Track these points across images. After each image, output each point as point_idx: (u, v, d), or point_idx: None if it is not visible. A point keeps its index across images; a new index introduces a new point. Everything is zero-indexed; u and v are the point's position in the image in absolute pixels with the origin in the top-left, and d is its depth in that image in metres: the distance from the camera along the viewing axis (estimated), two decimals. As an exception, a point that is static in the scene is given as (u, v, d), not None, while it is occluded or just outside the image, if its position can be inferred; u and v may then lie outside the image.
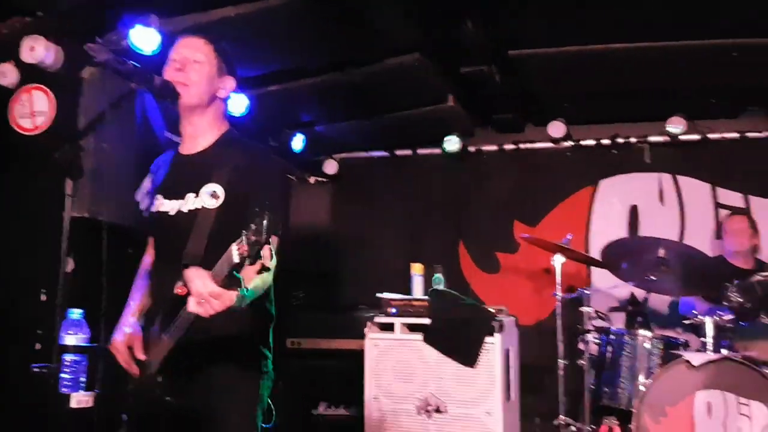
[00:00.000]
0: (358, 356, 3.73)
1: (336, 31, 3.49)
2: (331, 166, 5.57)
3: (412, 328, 3.55)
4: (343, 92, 4.34)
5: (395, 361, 3.51)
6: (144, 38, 3.02)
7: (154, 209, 2.02)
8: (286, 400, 3.85)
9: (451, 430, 3.34)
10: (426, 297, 3.61)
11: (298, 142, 4.82)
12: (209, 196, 1.91)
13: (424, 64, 3.90)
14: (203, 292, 1.64)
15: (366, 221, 5.37)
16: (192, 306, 1.67)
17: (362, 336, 3.70)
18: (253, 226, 1.58)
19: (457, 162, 5.29)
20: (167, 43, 3.06)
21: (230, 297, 1.66)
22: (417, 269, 3.85)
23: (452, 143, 5.10)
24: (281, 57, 3.80)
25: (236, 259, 1.63)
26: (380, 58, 3.89)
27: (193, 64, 1.98)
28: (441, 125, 5.00)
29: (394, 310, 3.59)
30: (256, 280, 1.75)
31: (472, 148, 5.30)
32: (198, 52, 2.00)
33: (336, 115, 4.90)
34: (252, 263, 1.63)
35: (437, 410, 3.36)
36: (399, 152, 5.55)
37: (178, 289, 1.80)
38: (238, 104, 3.87)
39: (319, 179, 5.70)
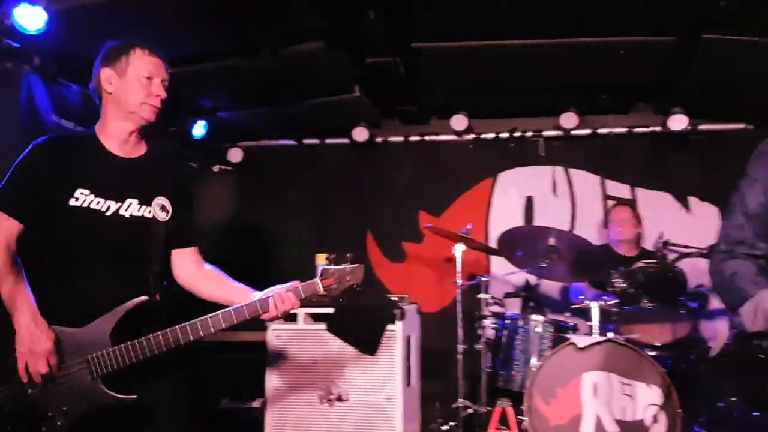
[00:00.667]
0: (263, 348, 3.70)
1: (239, 15, 3.42)
2: (235, 154, 5.45)
3: (316, 317, 3.56)
4: (247, 78, 4.26)
5: (298, 351, 3.51)
6: (29, 17, 2.83)
7: (75, 202, 1.98)
8: (189, 396, 3.75)
9: (353, 417, 3.39)
10: (328, 286, 3.61)
11: (199, 129, 4.68)
12: (160, 209, 2.08)
13: (329, 52, 3.89)
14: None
15: (272, 211, 5.32)
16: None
17: (259, 327, 3.67)
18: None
19: (365, 152, 5.33)
20: (54, 23, 2.91)
21: None
22: (321, 259, 3.85)
23: (359, 134, 5.13)
24: (181, 39, 3.65)
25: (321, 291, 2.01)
26: (285, 44, 3.85)
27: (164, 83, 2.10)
28: (348, 115, 5.02)
29: (296, 300, 3.58)
30: None
31: (378, 139, 5.35)
32: (165, 73, 2.11)
33: (240, 101, 4.80)
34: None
35: (339, 398, 3.40)
36: (306, 141, 5.52)
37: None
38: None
39: (223, 167, 5.57)
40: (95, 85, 2.10)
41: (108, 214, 2.00)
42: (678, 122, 4.75)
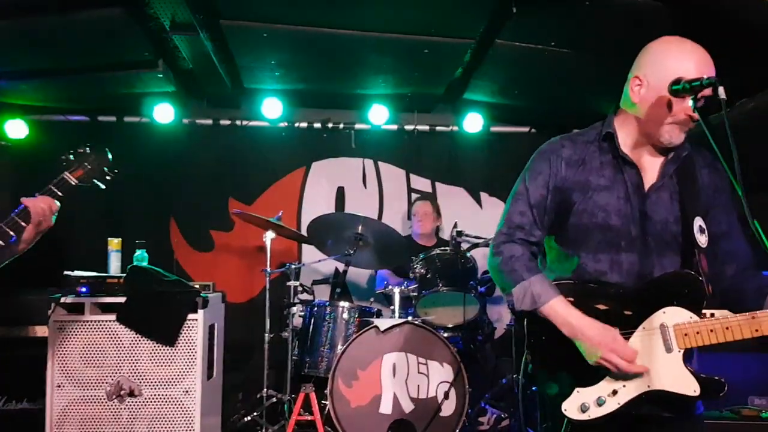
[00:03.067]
0: (38, 342, 3.33)
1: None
2: (17, 128, 4.82)
3: (104, 308, 3.27)
4: (31, 43, 3.77)
5: (84, 344, 3.19)
6: None
7: None
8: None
9: (146, 413, 3.17)
10: (122, 274, 3.34)
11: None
12: None
13: (129, 21, 3.59)
14: None
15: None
16: None
17: (41, 319, 3.31)
18: None
19: (169, 134, 5.02)
20: None
21: None
22: (114, 244, 3.55)
23: (163, 112, 4.82)
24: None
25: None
26: (78, 6, 3.46)
27: None
28: (151, 92, 4.68)
29: (84, 289, 3.26)
30: None
31: (185, 120, 5.08)
32: None
33: (25, 69, 4.23)
34: None
35: (131, 394, 3.16)
36: (102, 118, 5.06)
37: None
38: None
39: (2, 143, 4.90)
40: None
41: None
42: (473, 123, 5.16)
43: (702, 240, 1.75)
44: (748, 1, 2.91)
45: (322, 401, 3.70)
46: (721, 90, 1.56)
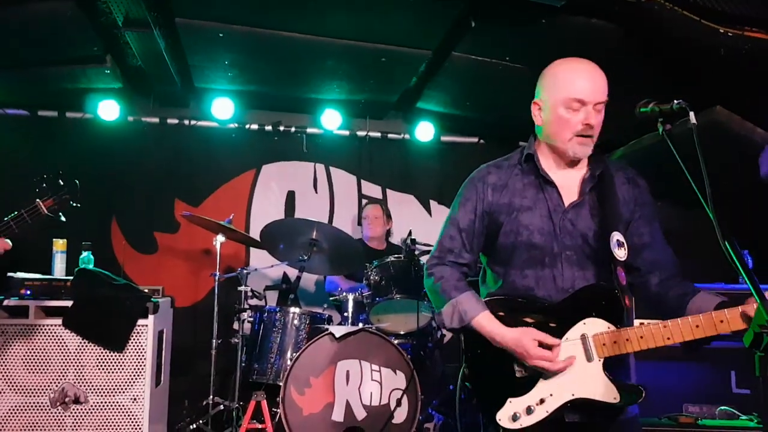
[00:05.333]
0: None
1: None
2: (-54, 120, 4.55)
3: (50, 312, 3.12)
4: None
5: (27, 349, 3.04)
6: None
7: None
8: None
9: (92, 421, 3.05)
10: (69, 277, 3.20)
11: None
12: None
13: (78, 15, 3.46)
14: None
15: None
16: None
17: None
18: None
19: (112, 131, 4.85)
20: None
21: None
22: (59, 246, 3.40)
23: (108, 109, 4.66)
24: None
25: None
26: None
27: None
28: (96, 88, 4.52)
29: (28, 292, 3.10)
30: None
31: (131, 118, 4.92)
32: None
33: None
34: None
35: (76, 401, 3.03)
36: (42, 113, 4.84)
37: None
38: None
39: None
40: None
41: None
42: (424, 132, 5.24)
43: (620, 254, 1.83)
44: (694, 24, 3.09)
45: (273, 408, 3.66)
46: (692, 115, 1.63)
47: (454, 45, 3.94)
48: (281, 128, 5.24)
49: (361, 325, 3.75)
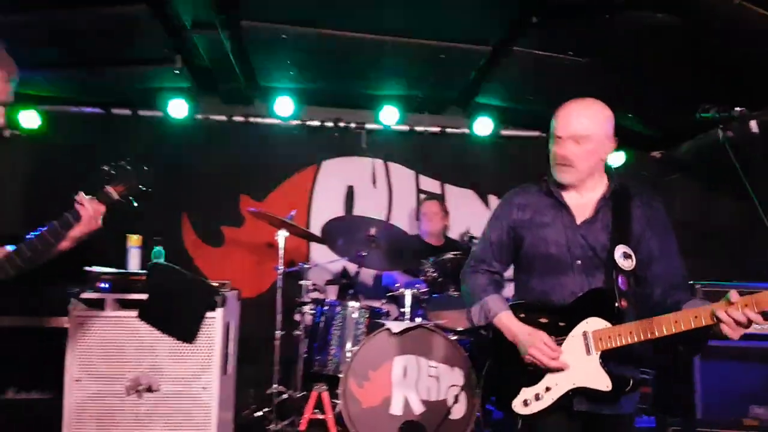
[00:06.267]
0: (54, 334, 3.36)
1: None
2: (32, 119, 4.84)
3: (126, 304, 3.31)
4: (51, 36, 3.80)
5: (104, 340, 3.23)
6: None
7: None
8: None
9: (164, 408, 3.21)
10: (143, 271, 3.38)
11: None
12: None
13: (151, 18, 3.63)
14: None
15: (73, 183, 4.74)
16: None
17: (62, 313, 3.35)
18: None
19: (182, 129, 5.05)
20: None
21: None
22: (134, 241, 3.58)
23: (178, 108, 4.85)
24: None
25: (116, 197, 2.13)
26: (101, 3, 3.50)
27: None
28: (167, 88, 4.72)
29: (105, 285, 3.30)
30: None
31: (199, 116, 5.11)
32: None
33: (43, 60, 4.25)
34: None
35: (149, 389, 3.21)
36: (116, 111, 5.08)
37: None
38: None
39: (15, 132, 4.90)
40: None
41: None
42: (483, 126, 5.21)
43: (625, 264, 2.08)
44: (761, 18, 2.97)
45: (334, 400, 3.77)
46: (753, 124, 1.61)
47: (515, 41, 3.90)
48: (341, 124, 5.32)
49: (418, 320, 3.79)
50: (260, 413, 4.19)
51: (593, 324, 2.08)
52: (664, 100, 4.25)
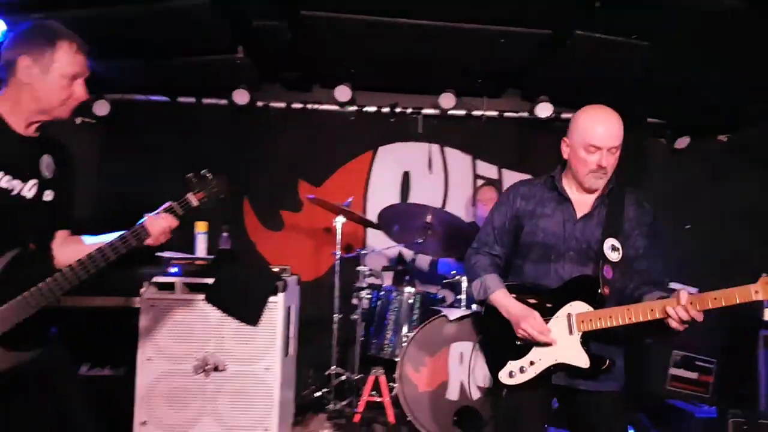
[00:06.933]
0: (126, 314, 3.56)
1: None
2: (102, 107, 5.06)
3: (194, 287, 3.47)
4: (120, 28, 3.96)
5: (173, 321, 3.40)
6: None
7: None
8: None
9: (230, 386, 3.37)
10: (210, 257, 3.53)
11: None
12: (48, 194, 2.03)
13: (213, 9, 3.73)
14: None
15: (142, 171, 4.95)
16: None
17: (132, 293, 3.54)
18: None
19: (244, 116, 5.18)
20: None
21: None
22: (201, 227, 3.73)
23: (240, 96, 4.98)
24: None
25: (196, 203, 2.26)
26: (168, -2, 3.63)
27: None
28: (229, 76, 4.83)
29: (175, 269, 3.46)
30: None
31: (259, 104, 5.22)
32: (87, 69, 2.06)
33: (112, 51, 4.43)
34: None
35: (215, 368, 3.36)
36: (182, 99, 5.26)
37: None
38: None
39: (87, 120, 5.16)
40: (7, 66, 1.94)
41: (13, 194, 1.94)
42: (544, 110, 5.12)
43: (613, 255, 2.28)
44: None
45: (390, 383, 3.85)
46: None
47: (577, 24, 3.83)
48: (397, 110, 5.34)
49: (474, 308, 3.82)
50: (319, 393, 4.33)
51: (577, 307, 2.26)
52: (729, 84, 4.10)
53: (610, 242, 2.29)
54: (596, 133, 2.25)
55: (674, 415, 4.01)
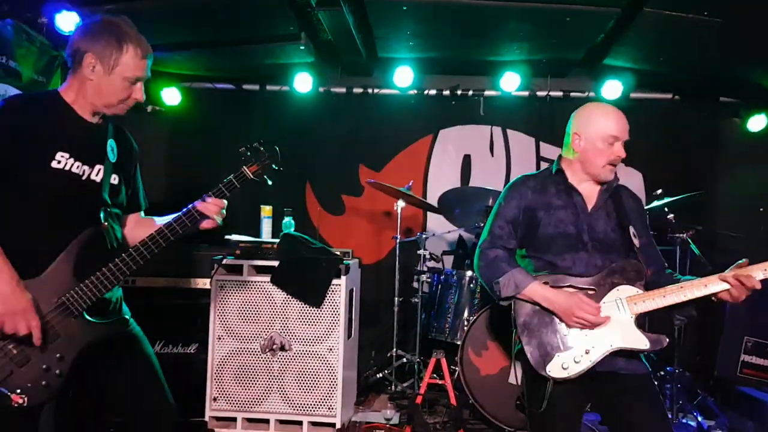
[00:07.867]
0: (197, 295, 3.71)
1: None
2: (171, 96, 5.24)
3: (260, 269, 3.58)
4: (188, 18, 4.09)
5: (241, 302, 3.53)
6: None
7: (56, 165, 1.98)
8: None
9: (295, 365, 3.48)
10: (275, 240, 3.63)
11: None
12: (114, 178, 2.14)
13: (277, -1, 3.80)
14: None
15: (210, 157, 5.11)
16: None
17: (203, 275, 3.69)
18: None
19: (306, 101, 5.26)
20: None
21: None
22: (266, 211, 3.84)
23: (302, 82, 5.05)
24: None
25: (251, 176, 2.26)
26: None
27: None
28: (292, 63, 4.91)
29: (242, 252, 3.59)
30: None
31: (321, 89, 5.28)
32: (149, 72, 2.13)
33: (179, 41, 4.59)
34: None
35: (282, 348, 3.47)
36: (246, 86, 5.38)
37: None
38: (69, 22, 3.56)
39: (157, 108, 5.34)
40: (74, 57, 2.04)
41: (83, 178, 2.05)
42: (611, 89, 4.96)
43: (636, 242, 2.36)
44: None
45: (451, 366, 3.87)
46: None
47: (645, 1, 3.68)
48: (459, 92, 5.29)
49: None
50: (381, 375, 4.40)
51: (625, 291, 2.28)
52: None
53: (632, 230, 2.37)
54: (616, 124, 2.36)
55: (745, 403, 3.87)
